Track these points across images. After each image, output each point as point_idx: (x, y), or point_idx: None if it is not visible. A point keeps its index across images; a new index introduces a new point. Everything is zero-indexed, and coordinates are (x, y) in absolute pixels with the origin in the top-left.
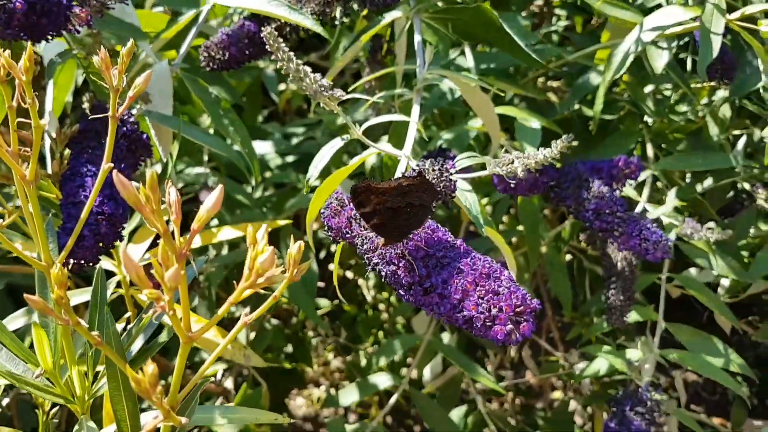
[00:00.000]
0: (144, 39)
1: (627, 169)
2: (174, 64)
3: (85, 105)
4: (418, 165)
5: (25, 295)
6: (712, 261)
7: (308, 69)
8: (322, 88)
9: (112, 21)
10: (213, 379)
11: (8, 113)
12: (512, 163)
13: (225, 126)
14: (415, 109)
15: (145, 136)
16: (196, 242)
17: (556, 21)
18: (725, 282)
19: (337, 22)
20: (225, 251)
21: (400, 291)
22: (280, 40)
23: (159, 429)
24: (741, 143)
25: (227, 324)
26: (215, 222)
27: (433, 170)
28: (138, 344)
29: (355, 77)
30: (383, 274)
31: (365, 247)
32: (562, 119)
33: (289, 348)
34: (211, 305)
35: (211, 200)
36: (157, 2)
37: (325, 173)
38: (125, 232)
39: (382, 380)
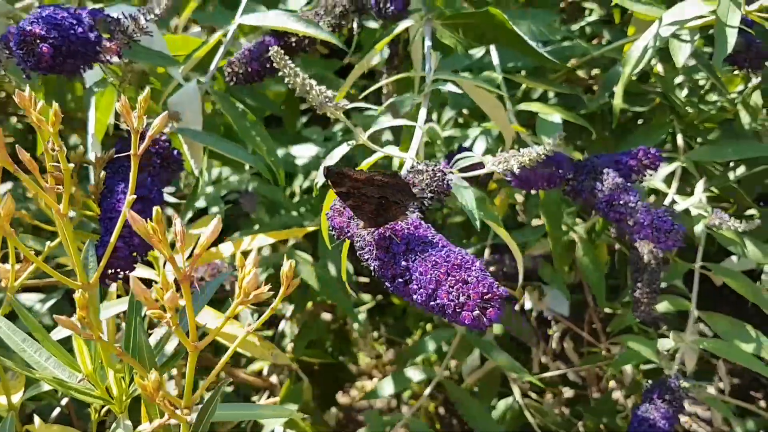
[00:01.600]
0: (173, 65)
1: (646, 160)
2: (204, 83)
3: (123, 126)
4: (412, 167)
5: (55, 316)
6: (744, 249)
7: (313, 82)
8: (327, 100)
9: (140, 50)
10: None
11: (45, 155)
12: (507, 161)
13: (252, 138)
14: (422, 114)
15: (176, 152)
16: (229, 250)
17: (588, 13)
18: None
19: (354, 33)
20: (266, 252)
21: (387, 283)
22: (286, 57)
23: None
24: None
25: (271, 320)
26: (257, 227)
27: (427, 170)
28: (170, 348)
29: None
30: (372, 267)
31: (359, 244)
32: (591, 113)
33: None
34: None
35: (209, 230)
36: (193, 17)
37: None
38: None
39: (416, 373)
